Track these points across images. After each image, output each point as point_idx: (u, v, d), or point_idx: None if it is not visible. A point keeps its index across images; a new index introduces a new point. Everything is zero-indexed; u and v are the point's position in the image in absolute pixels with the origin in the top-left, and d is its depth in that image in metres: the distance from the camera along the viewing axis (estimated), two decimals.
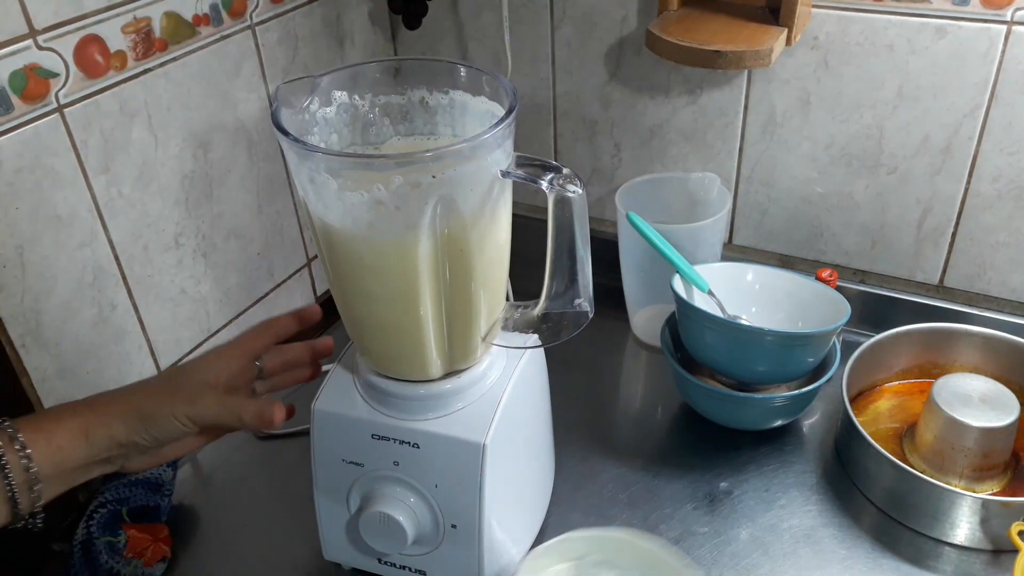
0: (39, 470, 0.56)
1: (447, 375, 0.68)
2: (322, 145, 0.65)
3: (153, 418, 0.60)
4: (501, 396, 0.68)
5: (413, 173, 0.56)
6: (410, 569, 0.73)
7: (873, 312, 0.99)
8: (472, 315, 0.64)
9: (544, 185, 0.58)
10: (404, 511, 0.68)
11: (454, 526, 0.69)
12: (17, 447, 0.55)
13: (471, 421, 0.66)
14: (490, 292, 0.65)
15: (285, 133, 0.57)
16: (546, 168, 0.59)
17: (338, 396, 0.70)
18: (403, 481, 0.69)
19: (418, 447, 0.67)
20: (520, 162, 0.61)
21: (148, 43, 0.81)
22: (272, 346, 0.71)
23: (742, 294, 0.93)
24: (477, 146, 0.57)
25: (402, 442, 0.67)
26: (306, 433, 0.72)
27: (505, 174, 0.60)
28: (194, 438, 0.64)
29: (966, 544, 0.76)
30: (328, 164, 0.58)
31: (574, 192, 0.58)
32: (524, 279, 0.85)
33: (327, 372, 0.73)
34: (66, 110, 0.75)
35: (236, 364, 0.68)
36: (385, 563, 0.74)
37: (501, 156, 0.59)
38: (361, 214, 0.58)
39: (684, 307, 0.86)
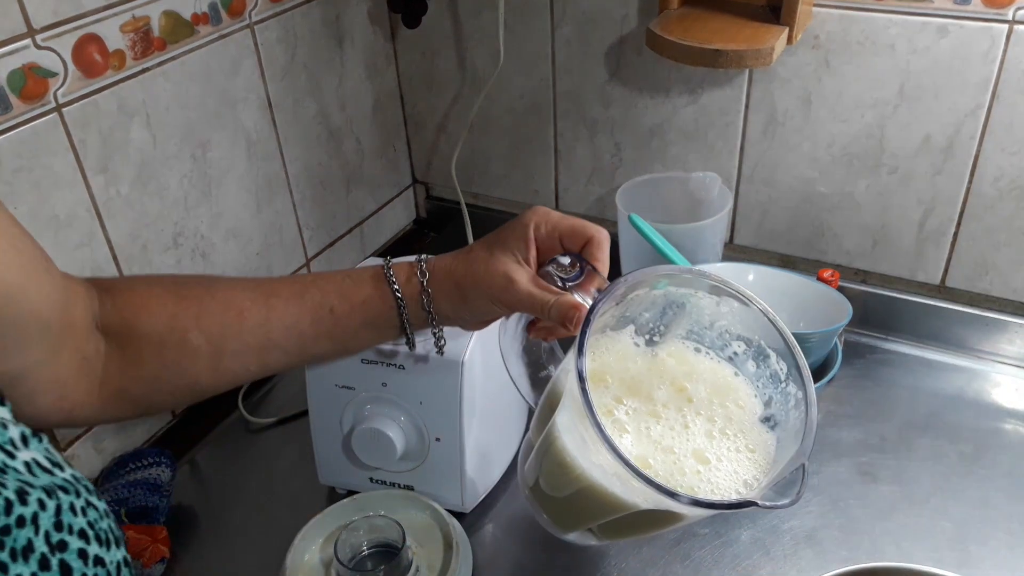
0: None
1: None
2: None
3: (471, 301, 0.62)
4: None
5: None
6: (399, 485, 0.80)
7: (875, 312, 0.99)
8: None
9: None
10: (393, 426, 0.75)
11: (438, 439, 0.76)
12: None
13: (451, 344, 0.71)
14: None
15: None
16: None
17: None
18: (391, 400, 0.75)
19: (404, 368, 0.74)
20: None
21: (147, 42, 0.80)
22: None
23: None
24: None
25: (389, 364, 0.74)
26: (298, 417, 0.78)
27: None
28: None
29: None
30: None
31: None
32: None
33: None
34: (64, 109, 0.75)
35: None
36: (376, 481, 0.80)
37: None
38: None
39: None
